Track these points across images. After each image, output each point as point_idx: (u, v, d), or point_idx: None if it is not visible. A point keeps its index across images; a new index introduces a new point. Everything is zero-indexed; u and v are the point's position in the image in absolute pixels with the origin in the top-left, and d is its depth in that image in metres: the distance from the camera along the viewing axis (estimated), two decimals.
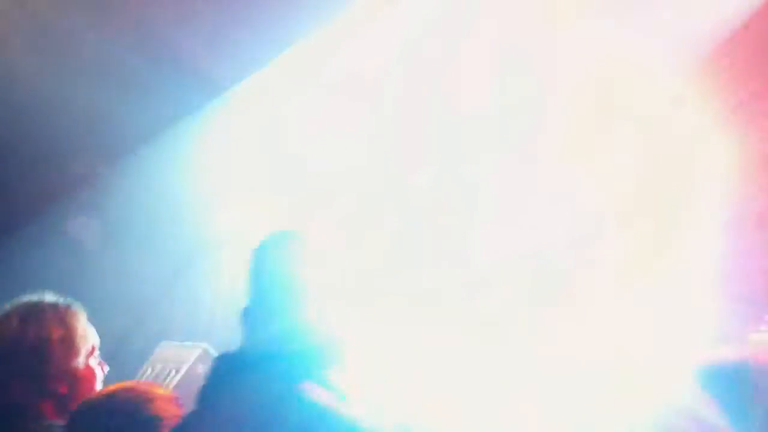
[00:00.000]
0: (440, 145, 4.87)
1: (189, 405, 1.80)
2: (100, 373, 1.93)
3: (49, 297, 1.83)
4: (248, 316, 1.58)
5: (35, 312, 1.77)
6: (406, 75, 5.22)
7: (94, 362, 1.91)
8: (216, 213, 6.09)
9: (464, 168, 4.71)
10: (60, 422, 1.69)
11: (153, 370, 3.26)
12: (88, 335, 1.89)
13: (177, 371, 3.11)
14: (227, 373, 1.27)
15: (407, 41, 5.29)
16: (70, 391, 1.74)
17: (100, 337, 2.14)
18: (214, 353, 3.58)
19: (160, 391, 1.59)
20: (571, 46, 4.47)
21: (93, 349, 1.97)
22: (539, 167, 4.41)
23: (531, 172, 4.44)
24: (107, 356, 2.14)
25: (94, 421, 1.50)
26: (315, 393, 1.36)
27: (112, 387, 1.59)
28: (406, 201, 4.57)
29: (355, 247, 4.26)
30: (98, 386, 1.86)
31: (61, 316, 1.79)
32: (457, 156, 4.78)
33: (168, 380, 3.12)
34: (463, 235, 4.30)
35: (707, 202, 3.44)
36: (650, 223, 3.66)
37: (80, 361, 1.81)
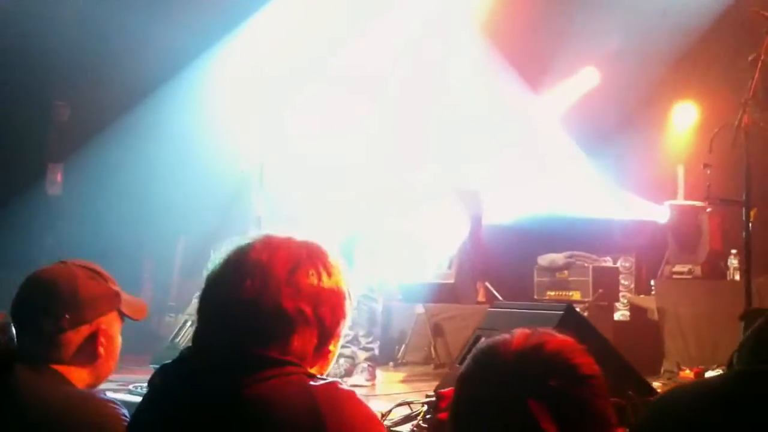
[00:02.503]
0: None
1: None
2: None
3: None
4: None
5: (324, 258, 1.47)
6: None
7: None
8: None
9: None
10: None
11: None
12: None
13: None
14: None
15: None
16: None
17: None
18: None
19: (572, 341, 1.25)
20: None
21: None
22: None
23: None
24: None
25: (522, 378, 1.17)
26: None
27: (506, 336, 1.22)
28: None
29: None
30: None
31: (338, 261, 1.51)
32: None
33: None
34: None
35: None
36: None
37: None
